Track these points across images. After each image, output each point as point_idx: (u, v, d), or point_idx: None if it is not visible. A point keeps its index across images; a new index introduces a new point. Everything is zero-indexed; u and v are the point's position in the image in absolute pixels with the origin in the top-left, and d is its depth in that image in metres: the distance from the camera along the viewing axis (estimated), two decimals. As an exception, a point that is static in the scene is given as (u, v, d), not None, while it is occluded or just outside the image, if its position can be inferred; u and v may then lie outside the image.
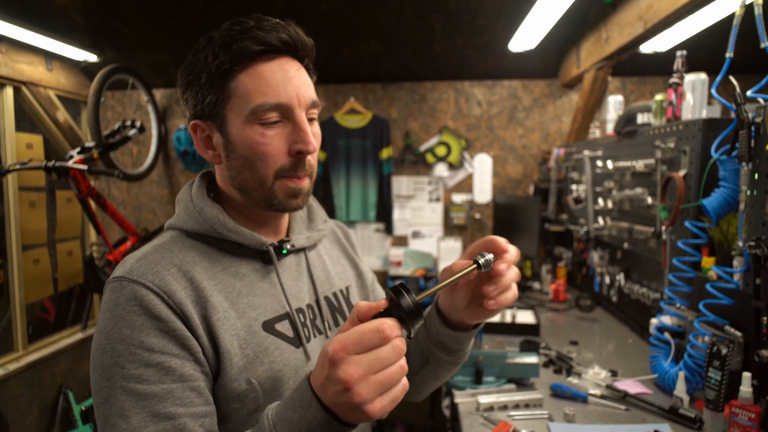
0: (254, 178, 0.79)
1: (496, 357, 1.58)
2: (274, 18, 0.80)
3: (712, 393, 1.27)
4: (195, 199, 0.83)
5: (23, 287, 2.85)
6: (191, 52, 0.81)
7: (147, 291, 0.71)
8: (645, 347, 1.88)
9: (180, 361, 0.70)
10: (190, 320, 0.72)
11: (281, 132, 0.78)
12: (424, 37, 2.98)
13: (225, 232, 0.80)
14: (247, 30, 0.75)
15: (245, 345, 0.76)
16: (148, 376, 0.68)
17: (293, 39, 0.78)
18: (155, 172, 3.72)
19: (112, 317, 0.70)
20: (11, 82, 2.79)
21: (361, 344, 0.56)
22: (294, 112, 0.78)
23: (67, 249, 3.27)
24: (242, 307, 0.78)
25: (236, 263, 0.82)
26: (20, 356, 2.82)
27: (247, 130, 0.77)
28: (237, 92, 0.76)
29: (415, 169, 3.63)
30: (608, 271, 2.41)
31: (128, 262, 0.76)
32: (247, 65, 0.76)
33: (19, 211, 2.83)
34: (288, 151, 0.78)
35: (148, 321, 0.70)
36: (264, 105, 0.75)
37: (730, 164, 1.40)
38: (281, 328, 0.82)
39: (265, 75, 0.76)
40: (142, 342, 0.69)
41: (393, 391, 0.58)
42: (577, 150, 2.77)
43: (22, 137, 2.89)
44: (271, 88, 0.76)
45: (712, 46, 2.40)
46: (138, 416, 0.66)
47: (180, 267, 0.75)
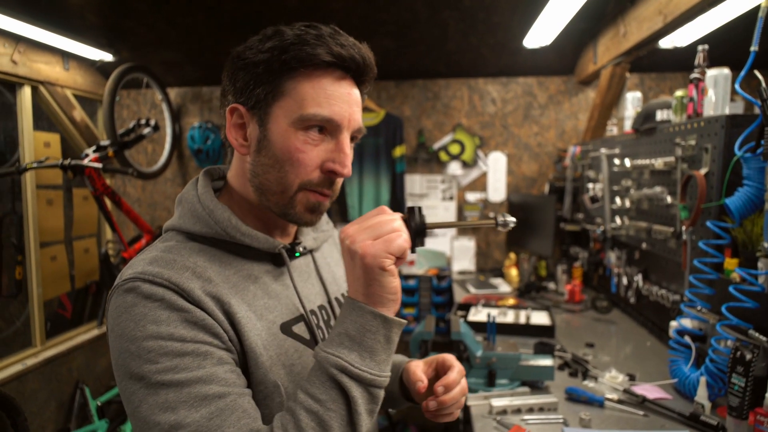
0: (278, 182, 0.77)
1: (510, 359, 1.55)
2: (347, 34, 0.78)
3: (736, 400, 1.22)
4: (203, 201, 0.79)
5: (41, 284, 2.89)
6: (255, 38, 0.77)
7: (165, 289, 0.68)
8: (664, 351, 1.84)
9: (213, 348, 0.68)
10: (213, 315, 0.70)
11: (321, 146, 0.76)
12: (438, 34, 2.95)
13: (238, 236, 0.78)
14: (323, 37, 0.74)
15: (268, 346, 0.75)
16: (186, 364, 0.65)
17: (365, 62, 0.77)
18: (169, 171, 3.74)
19: (132, 318, 0.66)
20: (29, 81, 2.82)
21: (362, 217, 0.70)
22: (341, 131, 0.77)
23: (84, 246, 3.31)
24: (260, 309, 0.77)
25: (247, 266, 0.80)
26: (38, 351, 2.87)
27: (289, 133, 0.75)
28: (293, 94, 0.74)
29: (428, 168, 3.60)
30: (626, 272, 2.35)
31: (138, 264, 0.72)
32: (312, 72, 0.74)
33: (37, 209, 2.87)
34: (321, 166, 0.77)
35: (173, 314, 0.67)
36: (317, 116, 0.74)
37: (755, 162, 1.35)
38: (298, 330, 0.81)
39: (326, 87, 0.75)
40: (172, 334, 0.65)
41: (387, 236, 0.67)
42: (593, 148, 2.71)
43: (40, 136, 2.93)
44: (328, 101, 0.74)
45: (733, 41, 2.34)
46: (185, 404, 0.63)
47: (194, 270, 0.72)
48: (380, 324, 0.67)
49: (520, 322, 2.18)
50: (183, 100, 3.69)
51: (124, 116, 3.72)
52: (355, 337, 0.67)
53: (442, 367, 0.89)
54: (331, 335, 0.69)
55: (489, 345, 1.64)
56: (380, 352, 0.68)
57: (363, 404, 0.66)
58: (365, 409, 0.67)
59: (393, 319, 0.69)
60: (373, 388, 0.67)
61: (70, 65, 3.10)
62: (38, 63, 2.85)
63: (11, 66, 2.65)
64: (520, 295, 2.86)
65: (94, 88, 3.35)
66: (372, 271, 0.66)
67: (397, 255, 0.68)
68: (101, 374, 3.31)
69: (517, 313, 2.30)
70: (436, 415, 0.85)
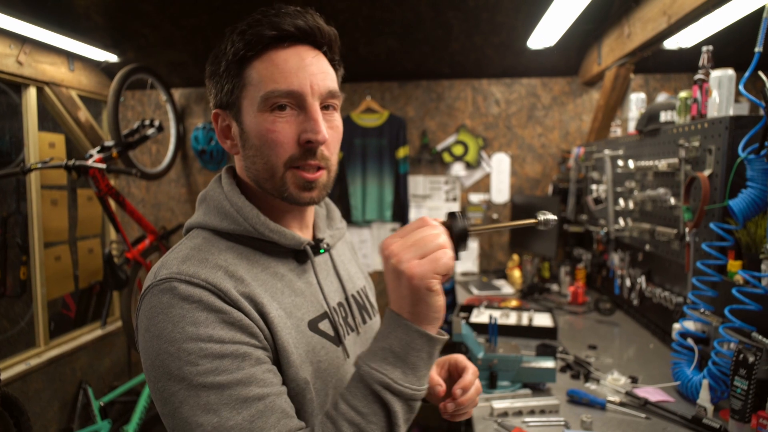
0: (266, 168, 0.77)
1: (512, 361, 1.55)
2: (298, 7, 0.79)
3: (738, 403, 1.21)
4: (230, 198, 0.80)
5: (45, 284, 2.90)
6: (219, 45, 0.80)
7: (201, 290, 0.68)
8: (667, 353, 1.82)
9: (252, 349, 0.69)
10: (249, 315, 0.71)
11: (292, 120, 0.76)
12: (442, 34, 2.95)
13: (266, 232, 0.78)
14: (263, 18, 0.75)
15: (298, 344, 0.76)
16: (225, 366, 0.66)
17: (309, 26, 0.76)
18: (173, 171, 3.76)
19: (169, 319, 0.66)
20: (34, 82, 2.84)
21: (404, 230, 0.68)
22: (306, 100, 0.75)
23: (88, 246, 3.32)
24: (288, 307, 0.78)
25: (273, 263, 0.80)
26: (42, 352, 2.88)
27: (258, 118, 0.75)
28: (251, 80, 0.75)
29: (431, 169, 3.60)
30: (629, 274, 2.34)
31: (171, 264, 0.71)
32: (262, 52, 0.75)
33: (42, 209, 2.88)
34: (297, 140, 0.76)
35: (211, 315, 0.67)
36: (275, 92, 0.74)
37: (759, 164, 1.34)
38: (324, 327, 0.82)
39: (278, 62, 0.74)
40: (211, 335, 0.66)
41: (433, 255, 0.65)
42: (597, 149, 2.70)
43: (45, 136, 2.95)
44: (283, 75, 0.74)
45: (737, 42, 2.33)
46: (227, 407, 0.65)
47: (226, 269, 0.73)
48: (425, 342, 0.68)
49: (523, 323, 2.17)
50: (187, 101, 3.71)
51: (128, 117, 3.73)
52: (400, 354, 0.67)
53: (455, 368, 0.91)
54: (374, 348, 0.69)
55: (491, 347, 1.63)
56: (422, 368, 0.69)
57: (402, 416, 0.68)
58: (404, 420, 0.69)
59: (437, 338, 0.69)
60: (412, 401, 0.69)
61: (75, 66, 3.12)
62: (43, 64, 2.87)
63: (17, 67, 2.67)
64: (522, 297, 2.85)
65: (99, 88, 3.37)
66: (419, 291, 0.65)
67: (443, 274, 0.66)
68: (104, 374, 3.32)
69: (520, 315, 2.29)
70: (454, 415, 0.88)
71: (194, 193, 3.79)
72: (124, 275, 2.80)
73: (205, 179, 3.75)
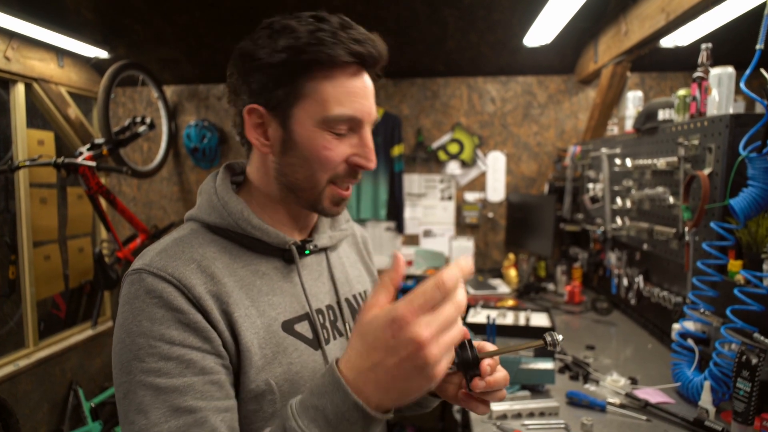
0: (308, 179, 0.78)
1: (510, 362, 1.52)
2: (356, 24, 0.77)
3: (741, 405, 1.20)
4: (219, 192, 0.81)
5: (34, 283, 2.85)
6: (262, 33, 0.75)
7: (166, 284, 0.69)
8: (666, 353, 1.81)
9: (201, 354, 0.69)
10: (210, 315, 0.71)
11: (346, 141, 0.78)
12: (437, 32, 2.92)
13: (249, 229, 0.79)
14: (337, 35, 0.73)
15: (264, 344, 0.75)
16: (168, 369, 0.66)
17: (380, 56, 0.77)
18: (165, 169, 3.71)
19: (131, 310, 0.69)
20: (23, 78, 2.78)
21: (429, 304, 0.54)
22: (363, 126, 0.78)
23: (78, 246, 3.27)
24: (262, 305, 0.77)
25: (257, 260, 0.80)
26: (31, 352, 2.83)
27: (315, 134, 0.76)
28: (314, 95, 0.74)
29: (426, 167, 3.57)
30: (626, 273, 2.33)
31: (148, 254, 0.74)
32: (330, 71, 0.74)
33: (31, 208, 2.83)
34: (346, 160, 0.78)
35: (168, 313, 0.68)
36: (341, 116, 0.75)
37: (760, 162, 1.32)
38: (300, 329, 0.81)
39: (348, 86, 0.75)
40: (162, 334, 0.67)
41: (450, 353, 0.56)
42: (594, 147, 2.69)
43: (34, 134, 2.90)
44: (349, 99, 0.75)
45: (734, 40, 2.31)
46: (158, 411, 0.65)
47: (200, 263, 0.74)
48: (360, 418, 0.58)
49: (520, 323, 2.15)
50: (179, 98, 3.66)
51: (119, 114, 3.68)
52: (331, 421, 0.58)
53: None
54: (307, 402, 0.60)
55: (488, 347, 1.61)
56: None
57: None
58: None
59: (376, 417, 0.58)
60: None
61: (64, 62, 3.06)
62: (32, 60, 2.81)
63: (4, 62, 2.61)
64: (519, 296, 2.83)
65: (89, 85, 3.31)
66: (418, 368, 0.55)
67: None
68: (95, 375, 3.27)
69: (517, 315, 2.27)
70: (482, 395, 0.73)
71: (186, 192, 3.74)
72: (114, 275, 2.76)
73: (197, 177, 3.70)
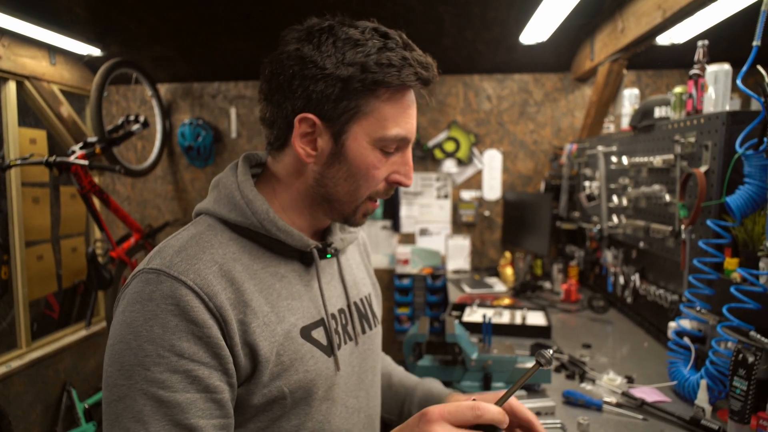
0: (349, 194, 0.79)
1: (506, 362, 1.51)
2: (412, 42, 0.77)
3: (738, 404, 1.19)
4: (243, 190, 0.78)
5: (27, 284, 2.83)
6: (325, 40, 0.73)
7: (188, 290, 0.66)
8: (662, 352, 1.80)
9: (208, 371, 0.67)
10: (228, 325, 0.68)
11: (391, 160, 0.79)
12: (433, 29, 2.90)
13: (273, 230, 0.77)
14: (405, 57, 0.73)
15: (282, 352, 0.73)
16: (173, 382, 0.64)
17: (433, 80, 0.78)
18: (160, 168, 3.68)
19: (143, 312, 0.65)
20: (14, 76, 2.76)
21: (456, 415, 0.62)
22: (408, 146, 0.80)
23: (72, 245, 3.24)
24: (282, 310, 0.75)
25: (276, 262, 0.79)
26: (23, 353, 2.81)
27: (368, 151, 0.76)
28: (375, 114, 0.74)
29: (422, 165, 3.56)
30: (623, 271, 2.32)
31: (167, 253, 0.70)
32: (394, 93, 0.75)
33: (23, 207, 2.80)
34: (387, 177, 0.79)
35: (183, 323, 0.65)
36: (397, 137, 0.76)
37: (757, 159, 1.31)
38: (317, 336, 0.79)
39: (405, 107, 0.76)
40: (173, 345, 0.65)
41: None
42: (590, 145, 2.68)
43: (26, 132, 2.87)
44: (405, 120, 0.76)
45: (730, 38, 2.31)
46: (158, 424, 0.63)
47: (222, 265, 0.71)
48: None
49: (516, 322, 2.14)
50: (174, 97, 3.63)
51: (113, 112, 3.65)
52: None
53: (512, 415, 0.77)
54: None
55: (485, 347, 1.60)
56: None
57: None
58: None
59: None
60: None
61: (56, 60, 3.03)
62: (23, 57, 2.78)
63: (-5, 60, 2.58)
64: (515, 295, 2.82)
65: (82, 83, 3.28)
66: None
67: None
68: (89, 376, 3.25)
69: (513, 314, 2.27)
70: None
71: (181, 191, 3.72)
72: (108, 274, 2.74)
73: (192, 176, 3.68)
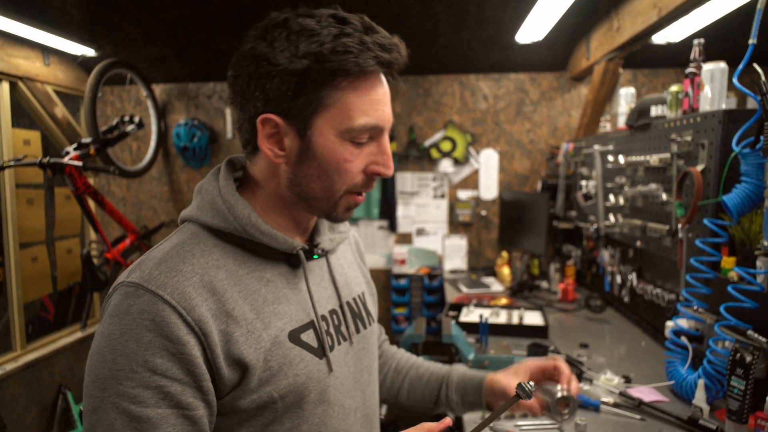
0: (325, 190, 0.75)
1: (503, 362, 1.51)
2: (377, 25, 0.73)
3: (735, 403, 1.19)
4: (224, 195, 0.76)
5: (21, 286, 2.80)
6: (278, 34, 0.70)
7: (164, 305, 0.65)
8: (659, 351, 1.80)
9: (181, 387, 0.66)
10: (208, 338, 0.67)
11: (366, 151, 0.75)
12: (429, 28, 2.90)
13: (257, 234, 0.75)
14: (363, 41, 0.69)
15: (270, 357, 0.72)
16: (144, 398, 0.64)
17: (403, 61, 0.74)
18: (155, 169, 3.66)
19: (119, 325, 0.65)
20: (7, 77, 2.73)
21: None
22: (383, 134, 0.76)
23: (67, 247, 3.22)
24: (268, 315, 0.74)
25: (262, 266, 0.77)
26: (18, 356, 2.78)
27: (336, 145, 0.72)
28: (338, 105, 0.70)
29: (419, 165, 3.55)
30: (620, 270, 2.32)
31: (147, 266, 0.70)
32: (356, 80, 0.71)
33: (17, 209, 2.78)
34: (364, 169, 0.76)
35: (157, 339, 0.65)
36: (366, 126, 0.72)
37: (754, 158, 1.31)
38: (306, 339, 0.78)
39: (371, 94, 0.72)
40: (146, 361, 0.64)
41: None
42: (586, 144, 2.68)
43: (19, 133, 2.85)
44: (373, 108, 0.72)
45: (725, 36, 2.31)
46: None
47: (203, 276, 0.70)
48: None
49: (513, 322, 2.14)
50: (169, 97, 3.61)
51: (108, 113, 3.63)
52: None
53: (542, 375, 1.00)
54: None
55: (481, 347, 1.59)
56: None
57: None
58: None
59: None
60: None
61: (50, 60, 3.01)
62: (17, 58, 2.76)
63: (-12, 61, 2.56)
64: (512, 294, 2.82)
65: (76, 84, 3.26)
66: None
67: None
68: (85, 378, 3.23)
69: (510, 313, 2.26)
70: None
71: (176, 192, 3.70)
72: (103, 276, 2.72)
73: (187, 177, 3.66)
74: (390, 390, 1.10)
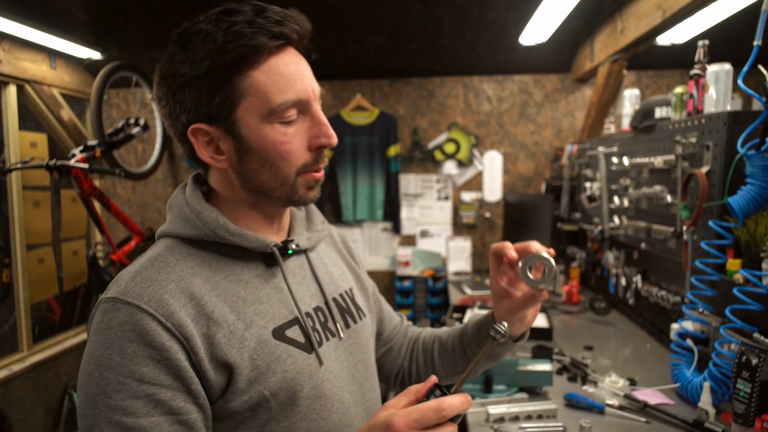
0: (275, 178, 0.75)
1: (507, 364, 1.50)
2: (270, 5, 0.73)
3: (741, 406, 1.18)
4: (191, 203, 0.77)
5: (28, 287, 2.82)
6: (175, 47, 0.72)
7: (143, 314, 0.66)
8: (664, 353, 1.79)
9: (171, 393, 0.66)
10: (190, 341, 0.68)
11: (300, 128, 0.75)
12: (432, 30, 2.90)
13: (227, 236, 0.75)
14: (253, 22, 0.69)
15: (256, 356, 0.72)
16: (135, 408, 0.64)
17: (305, 30, 0.74)
18: (160, 171, 3.68)
19: (102, 341, 0.66)
20: (14, 80, 2.76)
21: (422, 421, 0.62)
22: (312, 105, 0.75)
23: (73, 248, 3.24)
24: (249, 316, 0.74)
25: (238, 269, 0.77)
26: (25, 357, 2.80)
27: (266, 130, 0.72)
28: (252, 91, 0.71)
29: (423, 167, 3.55)
30: (624, 273, 2.31)
31: (122, 280, 0.71)
32: (259, 61, 0.71)
33: (24, 211, 2.80)
34: (308, 146, 0.76)
35: (140, 348, 0.65)
36: (285, 103, 0.71)
37: (759, 159, 1.31)
38: (292, 335, 0.78)
39: (281, 70, 0.72)
40: (132, 371, 0.65)
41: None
42: (590, 146, 2.67)
43: (26, 136, 2.87)
44: (288, 83, 0.72)
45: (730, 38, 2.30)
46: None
47: (178, 283, 0.71)
48: None
49: (518, 324, 2.13)
50: (174, 100, 3.63)
51: (113, 116, 3.65)
52: None
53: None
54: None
55: (485, 349, 1.59)
56: None
57: None
58: None
59: None
60: None
61: (57, 63, 3.04)
62: (24, 61, 2.78)
63: (-5, 64, 2.58)
64: (516, 296, 2.81)
65: (82, 87, 3.29)
66: None
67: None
68: (91, 379, 3.25)
69: (514, 315, 2.25)
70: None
71: (182, 194, 3.72)
72: (109, 277, 2.74)
73: (193, 179, 3.68)
74: (427, 370, 1.06)
